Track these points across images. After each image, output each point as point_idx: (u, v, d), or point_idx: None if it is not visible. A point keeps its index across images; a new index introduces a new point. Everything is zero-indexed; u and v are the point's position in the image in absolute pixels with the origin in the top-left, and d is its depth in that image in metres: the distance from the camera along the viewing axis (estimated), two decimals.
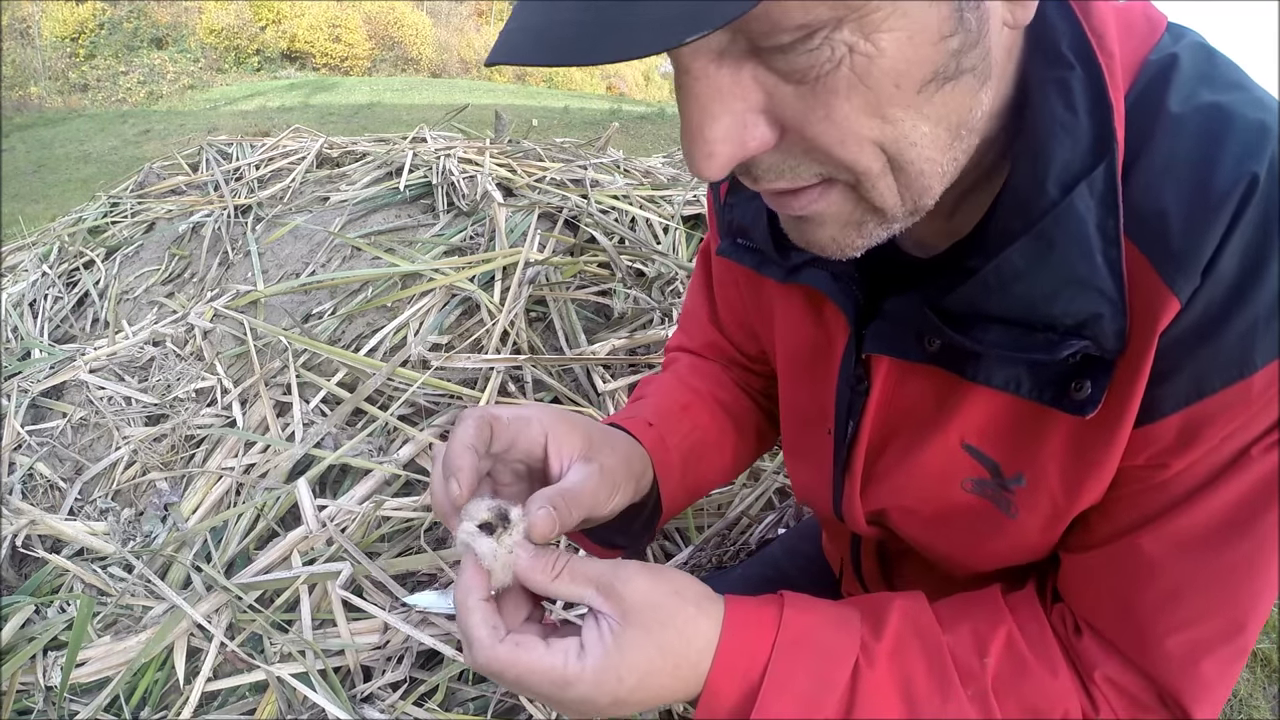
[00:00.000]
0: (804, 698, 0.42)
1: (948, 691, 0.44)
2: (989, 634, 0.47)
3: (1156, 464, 0.41)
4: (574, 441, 0.50)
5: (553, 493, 0.46)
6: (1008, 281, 0.39)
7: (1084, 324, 0.38)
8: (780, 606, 0.45)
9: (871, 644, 0.45)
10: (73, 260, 2.31)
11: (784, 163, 0.36)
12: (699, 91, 0.33)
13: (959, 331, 0.42)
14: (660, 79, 27.32)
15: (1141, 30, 0.41)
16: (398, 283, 1.76)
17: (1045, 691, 0.46)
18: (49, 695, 1.15)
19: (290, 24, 14.71)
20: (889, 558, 0.67)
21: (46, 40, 12.60)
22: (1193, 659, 0.43)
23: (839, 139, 0.33)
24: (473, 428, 0.46)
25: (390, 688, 1.11)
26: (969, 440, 0.48)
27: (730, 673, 0.42)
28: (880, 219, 0.38)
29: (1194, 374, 0.38)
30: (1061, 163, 0.38)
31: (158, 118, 9.10)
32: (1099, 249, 0.37)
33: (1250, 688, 1.39)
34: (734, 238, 0.59)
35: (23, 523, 1.46)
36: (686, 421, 0.65)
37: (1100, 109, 0.37)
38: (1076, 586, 0.49)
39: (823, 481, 0.60)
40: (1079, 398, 0.40)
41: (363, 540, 1.28)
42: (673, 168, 2.57)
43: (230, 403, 1.62)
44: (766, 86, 0.33)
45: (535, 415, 0.50)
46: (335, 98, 10.15)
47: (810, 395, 0.59)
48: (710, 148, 0.33)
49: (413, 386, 1.50)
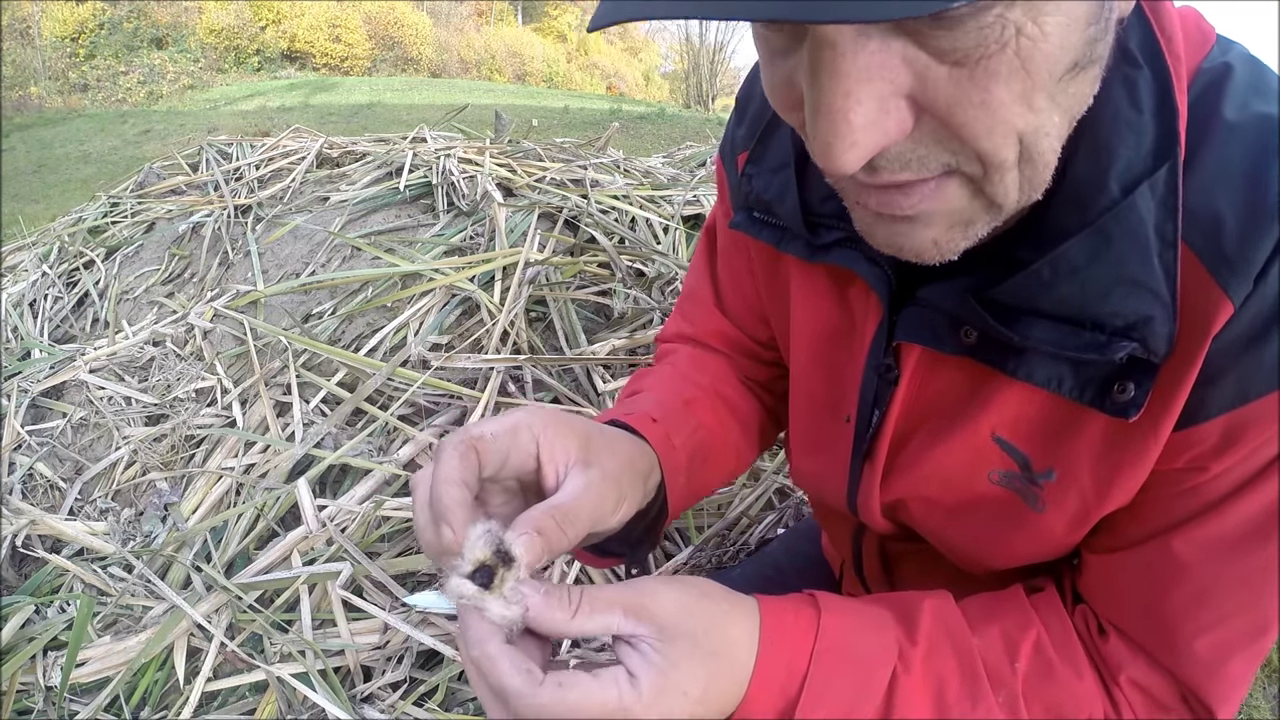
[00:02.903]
0: (842, 706, 0.41)
1: (978, 696, 0.44)
2: (1019, 637, 0.47)
3: (1196, 467, 0.41)
4: (569, 445, 0.45)
5: (541, 513, 0.40)
6: (1062, 277, 0.39)
7: (1134, 325, 0.38)
8: (817, 611, 0.44)
9: (908, 649, 0.44)
10: (73, 260, 2.31)
11: (913, 152, 0.33)
12: (844, 70, 0.29)
13: (1004, 324, 0.41)
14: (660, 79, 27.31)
15: (1196, 38, 0.41)
16: (398, 283, 1.76)
17: (1071, 694, 0.45)
18: (49, 695, 1.15)
19: (290, 24, 14.71)
20: (890, 558, 0.66)
21: (46, 40, 12.60)
22: (1220, 659, 0.43)
23: (988, 127, 0.31)
24: (457, 458, 0.41)
25: (390, 688, 1.11)
26: (1000, 433, 0.47)
27: (769, 685, 0.41)
28: (992, 215, 0.36)
29: (1239, 379, 0.38)
30: (1125, 161, 0.37)
31: (158, 118, 9.10)
32: (1156, 251, 0.37)
33: (1250, 687, 1.39)
34: (750, 211, 0.57)
35: (23, 523, 1.46)
36: (691, 418, 0.60)
37: (1165, 111, 0.37)
38: (1102, 587, 0.48)
39: (837, 472, 0.58)
40: (1121, 400, 0.39)
41: (363, 540, 1.28)
42: (672, 168, 2.57)
43: (230, 403, 1.62)
44: (917, 67, 0.30)
45: (523, 422, 0.44)
46: (335, 98, 10.15)
47: (828, 381, 0.57)
48: (855, 136, 0.30)
49: (413, 386, 1.50)
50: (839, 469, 0.57)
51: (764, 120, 0.56)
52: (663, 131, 7.62)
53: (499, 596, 0.37)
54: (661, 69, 28.51)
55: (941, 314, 0.45)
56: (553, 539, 0.39)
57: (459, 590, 0.37)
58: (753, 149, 0.56)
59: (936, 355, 0.48)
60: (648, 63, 28.40)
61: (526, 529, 0.39)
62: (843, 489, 0.58)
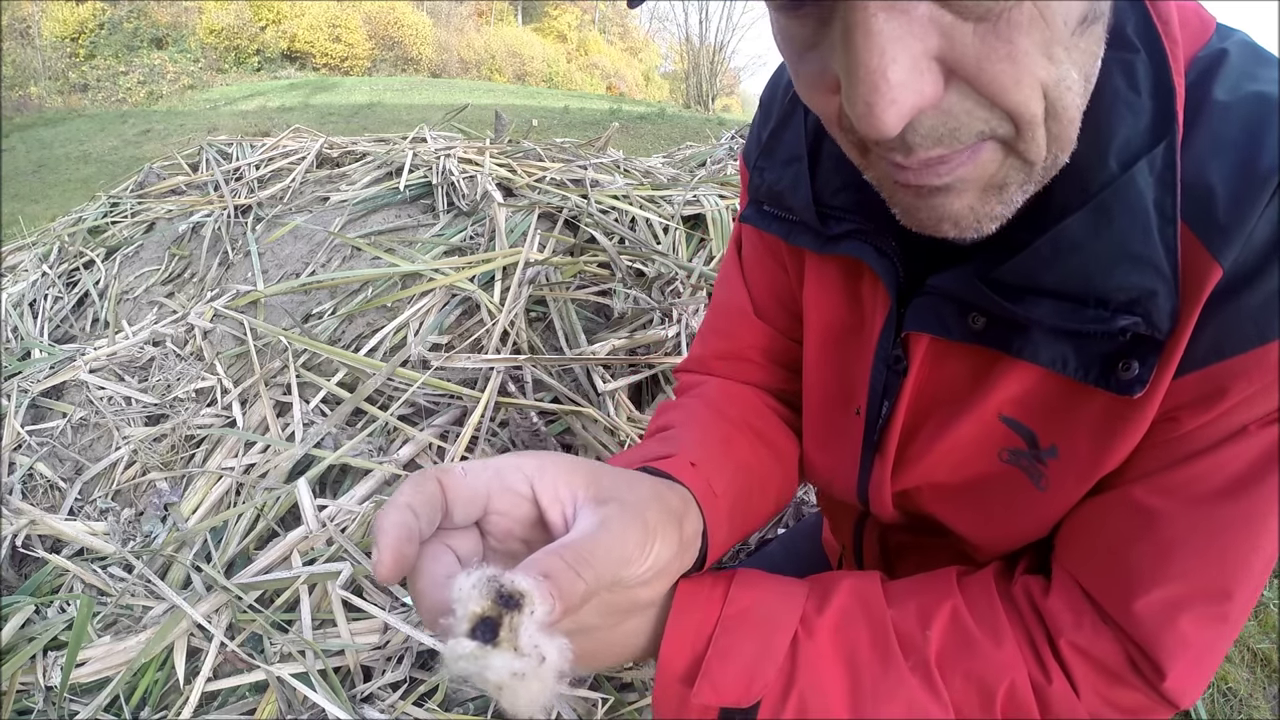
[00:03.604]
0: (746, 667, 0.44)
1: (889, 661, 0.45)
2: (934, 608, 0.48)
3: (1169, 418, 0.41)
4: (573, 482, 0.39)
5: (545, 555, 0.33)
6: (1064, 252, 0.39)
7: (1136, 300, 0.38)
8: (729, 583, 0.47)
9: (813, 617, 0.46)
10: (73, 260, 2.31)
11: (945, 125, 0.34)
12: (878, 30, 0.30)
13: (1009, 303, 0.42)
14: (660, 79, 27.32)
15: (1194, 27, 0.42)
16: (398, 283, 1.76)
17: (990, 662, 0.45)
18: (49, 695, 1.15)
19: (290, 24, 14.71)
20: (889, 548, 0.67)
21: (46, 40, 12.60)
22: (1172, 614, 0.43)
23: (1015, 79, 0.32)
24: (410, 487, 0.36)
25: (390, 688, 1.11)
26: (1006, 412, 0.47)
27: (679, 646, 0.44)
28: (1024, 178, 0.37)
29: (1215, 334, 0.38)
30: (1123, 138, 0.38)
31: (158, 118, 9.11)
32: (1156, 226, 0.38)
33: (1250, 688, 1.39)
34: (760, 204, 0.57)
35: (23, 523, 1.46)
36: (730, 461, 0.55)
37: (1162, 91, 0.38)
38: (1071, 535, 0.49)
39: (848, 464, 0.58)
40: (1126, 377, 0.40)
41: (363, 540, 1.28)
42: (672, 168, 2.57)
43: (230, 403, 1.62)
44: (943, 27, 0.31)
45: (511, 463, 0.39)
46: (335, 98, 10.16)
47: (839, 375, 0.57)
48: (894, 93, 0.31)
49: (413, 386, 1.50)
50: (850, 461, 0.58)
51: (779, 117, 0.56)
52: (663, 131, 7.63)
53: (509, 650, 0.29)
54: (661, 69, 28.51)
55: (949, 301, 0.46)
56: (563, 582, 0.31)
57: (456, 652, 0.28)
58: (765, 142, 0.57)
59: (944, 345, 0.48)
60: (648, 63, 28.40)
61: (529, 574, 0.31)
62: (853, 481, 0.58)
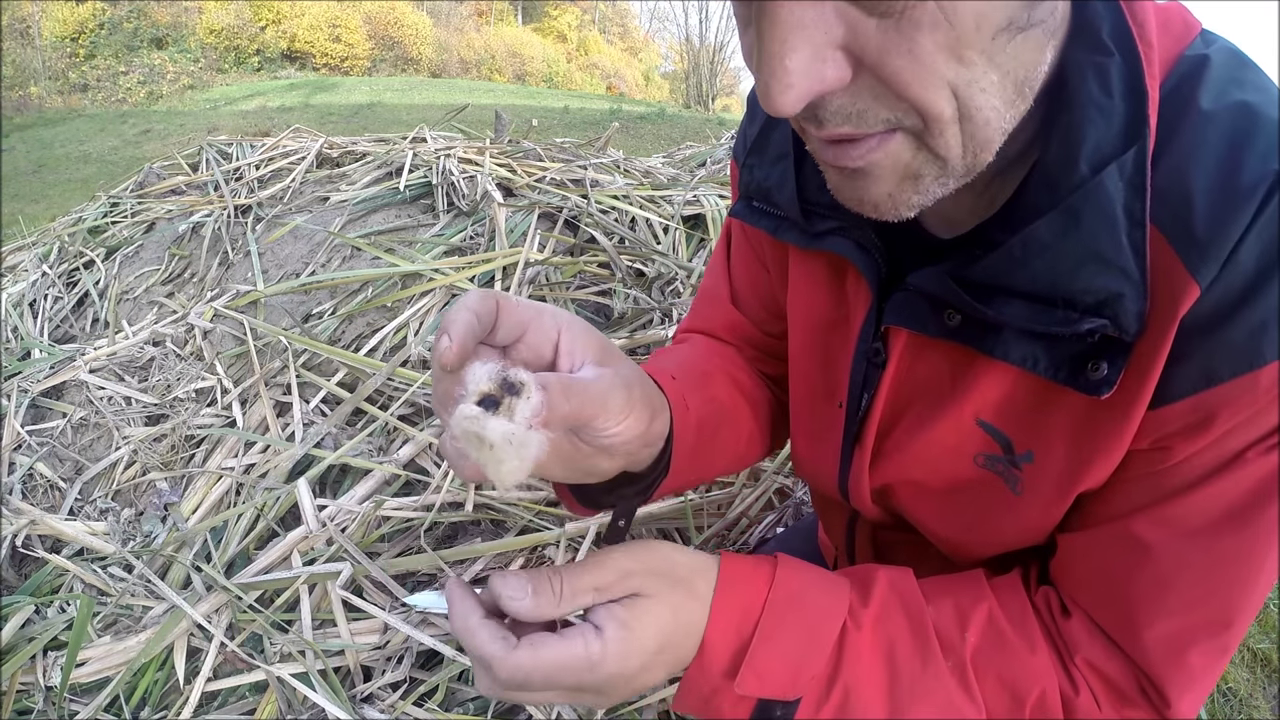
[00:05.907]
0: (793, 655, 0.43)
1: (928, 658, 0.45)
2: (971, 609, 0.48)
3: (1161, 448, 0.41)
4: (589, 344, 0.44)
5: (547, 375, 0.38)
6: (1033, 254, 0.40)
7: (1104, 303, 0.39)
8: (773, 566, 0.46)
9: (859, 608, 0.46)
10: (73, 260, 2.31)
11: (853, 105, 0.35)
12: (781, 19, 0.32)
13: (980, 303, 0.42)
14: (660, 79, 27.33)
15: (1177, 30, 0.42)
16: (398, 283, 1.76)
17: (1024, 668, 0.46)
18: (49, 695, 1.15)
19: (290, 24, 14.72)
20: (881, 547, 0.67)
21: (46, 40, 12.61)
22: (1179, 648, 0.44)
23: (916, 76, 0.33)
24: (475, 297, 0.40)
25: (390, 688, 1.11)
26: (983, 416, 0.48)
27: (724, 628, 0.44)
28: (939, 172, 0.38)
29: (1205, 361, 0.38)
30: (1094, 142, 0.38)
31: (158, 118, 9.11)
32: (1124, 229, 0.38)
33: (1250, 688, 1.39)
34: (750, 200, 0.59)
35: (23, 523, 1.46)
36: (706, 391, 0.60)
37: (1135, 95, 0.38)
38: (1069, 566, 0.49)
39: (830, 457, 0.59)
40: (1095, 378, 0.40)
41: (363, 540, 1.28)
42: (672, 168, 2.57)
43: (230, 403, 1.62)
44: (849, 20, 0.33)
45: (551, 311, 0.44)
46: (335, 98, 10.16)
47: (822, 368, 0.59)
48: (789, 79, 0.33)
49: (413, 386, 1.50)
50: (831, 454, 0.59)
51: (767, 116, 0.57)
52: (663, 131, 7.63)
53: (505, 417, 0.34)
54: (661, 69, 28.52)
55: (925, 298, 0.47)
56: (553, 397, 0.37)
57: (464, 413, 0.34)
58: (755, 140, 0.58)
59: (922, 339, 0.49)
60: (648, 63, 28.41)
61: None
62: (834, 474, 0.59)
